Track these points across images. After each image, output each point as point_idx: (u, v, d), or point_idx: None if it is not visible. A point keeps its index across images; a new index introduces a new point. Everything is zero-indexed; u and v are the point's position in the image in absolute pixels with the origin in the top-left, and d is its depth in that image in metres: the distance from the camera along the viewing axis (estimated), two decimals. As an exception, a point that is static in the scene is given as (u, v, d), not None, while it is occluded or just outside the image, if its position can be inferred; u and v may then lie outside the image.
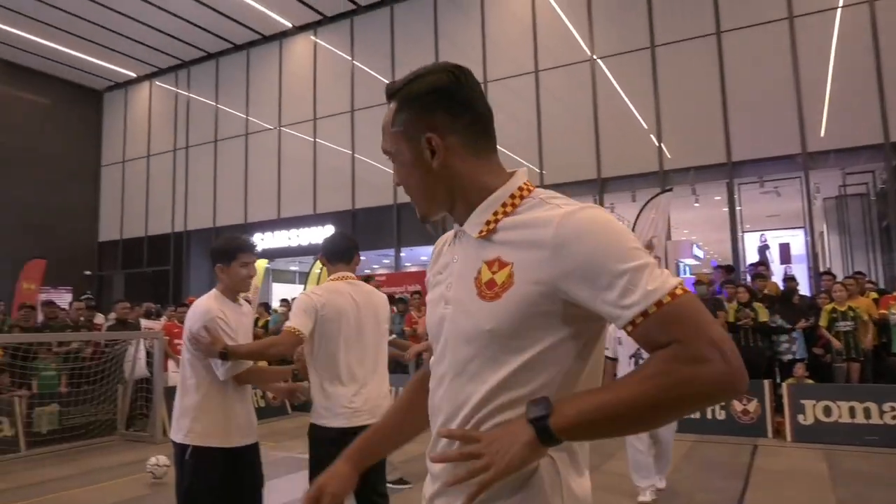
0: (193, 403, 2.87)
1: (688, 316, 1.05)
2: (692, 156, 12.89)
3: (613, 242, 1.09)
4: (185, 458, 2.79)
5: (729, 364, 1.02)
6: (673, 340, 1.04)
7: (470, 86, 1.28)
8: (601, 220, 1.12)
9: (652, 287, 1.05)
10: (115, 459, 7.07)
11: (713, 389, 1.03)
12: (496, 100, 14.78)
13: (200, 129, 19.44)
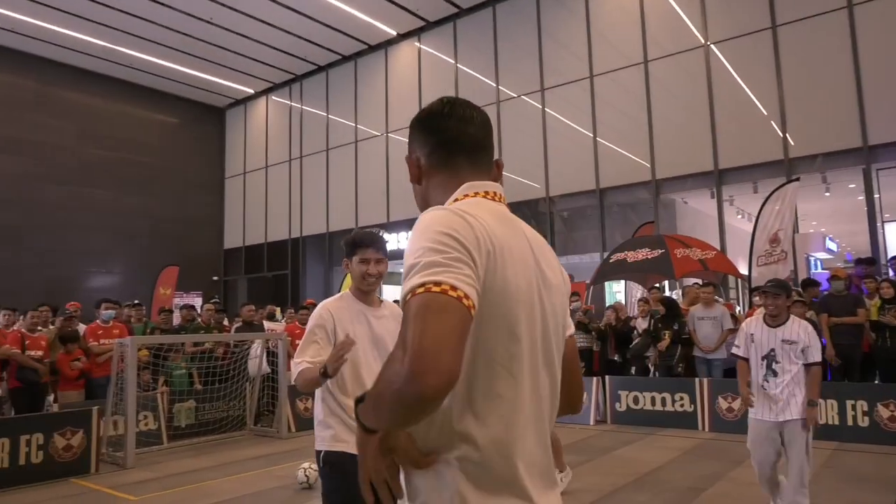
0: (318, 410, 2.80)
1: (409, 316, 1.05)
2: (821, 142, 11.93)
3: (414, 240, 1.17)
4: (321, 465, 2.75)
5: (408, 364, 0.99)
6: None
7: (446, 114, 1.42)
8: (421, 220, 1.20)
9: (407, 286, 1.09)
10: (246, 453, 7.51)
11: (390, 390, 1.02)
12: (602, 95, 14.42)
13: (313, 139, 20.36)
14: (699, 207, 14.15)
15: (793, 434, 4.19)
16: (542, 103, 15.27)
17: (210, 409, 8.50)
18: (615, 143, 14.24)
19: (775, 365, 4.27)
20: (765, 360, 4.35)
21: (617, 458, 6.60)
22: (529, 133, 15.44)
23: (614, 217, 14.46)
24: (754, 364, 4.41)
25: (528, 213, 15.60)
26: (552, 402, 1.31)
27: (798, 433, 4.17)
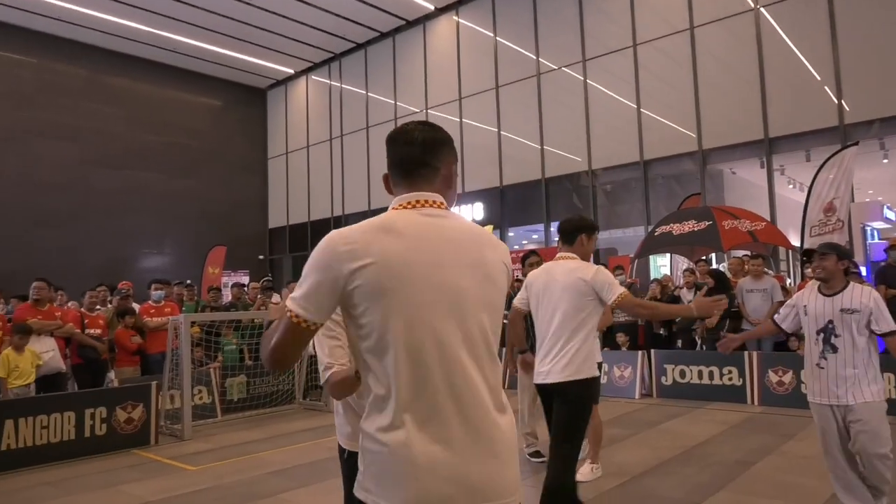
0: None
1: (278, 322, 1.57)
2: (879, 106, 11.41)
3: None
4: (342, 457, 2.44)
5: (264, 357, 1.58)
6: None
7: (393, 139, 1.76)
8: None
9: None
10: (296, 426, 7.73)
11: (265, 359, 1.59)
12: (646, 63, 14.06)
13: (353, 117, 20.46)
14: (748, 177, 13.73)
15: (862, 419, 3.51)
16: (584, 74, 14.97)
17: (260, 384, 8.75)
18: (659, 114, 13.90)
19: (834, 339, 3.60)
20: (821, 335, 3.67)
21: (663, 432, 6.56)
22: (570, 105, 15.18)
23: (659, 189, 14.16)
24: (809, 341, 3.76)
25: (570, 186, 15.41)
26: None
27: (869, 418, 3.50)
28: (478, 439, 1.50)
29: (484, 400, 1.54)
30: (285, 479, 5.34)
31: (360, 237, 1.55)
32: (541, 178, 15.69)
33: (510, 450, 1.58)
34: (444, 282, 1.53)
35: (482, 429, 1.51)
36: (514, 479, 1.58)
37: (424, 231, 1.58)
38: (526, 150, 16.00)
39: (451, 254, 1.57)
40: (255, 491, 5.02)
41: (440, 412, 1.48)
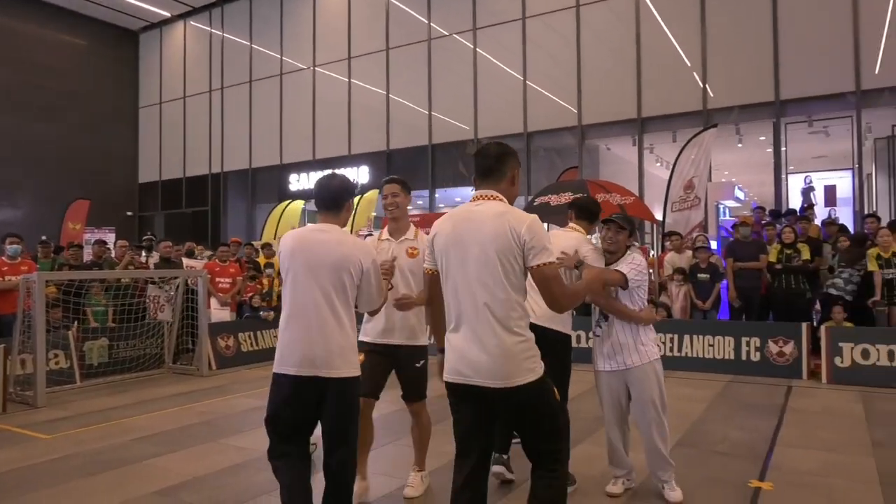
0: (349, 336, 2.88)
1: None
2: (737, 94, 12.44)
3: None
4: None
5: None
6: None
7: (476, 154, 2.72)
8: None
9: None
10: (165, 391, 7.42)
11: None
12: (534, 37, 14.38)
13: (235, 69, 19.41)
14: (621, 154, 14.55)
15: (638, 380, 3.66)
16: (474, 43, 15.09)
17: (125, 348, 8.29)
18: (544, 88, 14.32)
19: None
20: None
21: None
22: (460, 73, 15.28)
23: (540, 161, 14.68)
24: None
25: (456, 154, 15.60)
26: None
27: (644, 379, 3.64)
28: (477, 341, 2.40)
29: (488, 319, 2.39)
30: (153, 444, 5.14)
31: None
32: (428, 144, 15.75)
33: (502, 352, 2.37)
34: (459, 246, 2.48)
35: (482, 336, 2.39)
36: (501, 371, 2.37)
37: (460, 213, 2.58)
38: (414, 115, 15.96)
39: (469, 229, 2.48)
40: (120, 457, 4.80)
41: (461, 324, 2.46)
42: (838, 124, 12.33)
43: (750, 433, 5.17)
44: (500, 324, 2.37)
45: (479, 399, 2.42)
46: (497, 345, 2.37)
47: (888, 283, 7.53)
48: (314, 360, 2.77)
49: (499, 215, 2.43)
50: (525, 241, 2.38)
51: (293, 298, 2.86)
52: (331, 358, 2.78)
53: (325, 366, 2.77)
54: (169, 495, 3.98)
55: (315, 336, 2.79)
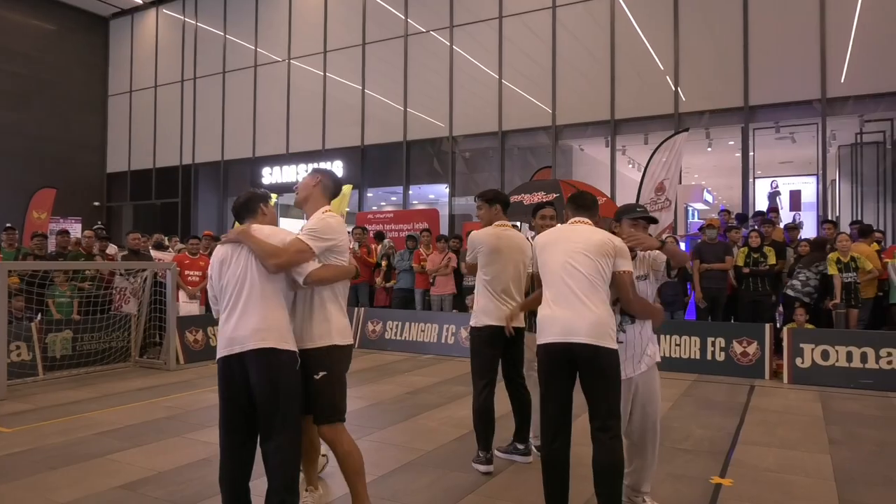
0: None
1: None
2: (708, 99, 12.66)
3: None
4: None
5: None
6: None
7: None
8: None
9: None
10: (131, 385, 7.31)
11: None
12: (511, 36, 14.45)
13: (208, 60, 19.13)
14: (594, 155, 14.71)
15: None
16: (451, 40, 15.11)
17: (90, 340, 8.14)
18: (520, 87, 14.40)
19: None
20: (617, 304, 3.35)
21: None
22: (436, 70, 15.29)
23: (515, 160, 14.76)
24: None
25: (432, 151, 15.61)
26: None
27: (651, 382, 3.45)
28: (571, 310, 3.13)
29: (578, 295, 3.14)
30: (117, 438, 5.07)
31: None
32: (403, 141, 15.73)
33: (590, 321, 3.06)
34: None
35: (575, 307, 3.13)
36: (586, 329, 3.06)
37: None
38: (389, 111, 15.93)
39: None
40: (83, 451, 4.72)
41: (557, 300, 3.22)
42: (804, 131, 12.63)
43: (713, 431, 5.29)
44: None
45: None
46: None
47: (846, 286, 7.76)
48: (234, 340, 2.93)
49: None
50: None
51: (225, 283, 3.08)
52: (251, 334, 2.90)
53: (240, 343, 2.91)
54: (133, 490, 3.94)
55: (236, 317, 2.96)
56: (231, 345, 2.93)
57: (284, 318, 3.01)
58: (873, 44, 11.38)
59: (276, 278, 3.00)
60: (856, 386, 6.98)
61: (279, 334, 2.93)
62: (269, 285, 2.98)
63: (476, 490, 3.90)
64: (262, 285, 2.97)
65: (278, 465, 2.92)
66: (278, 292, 3.01)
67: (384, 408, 6.11)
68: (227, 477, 3.00)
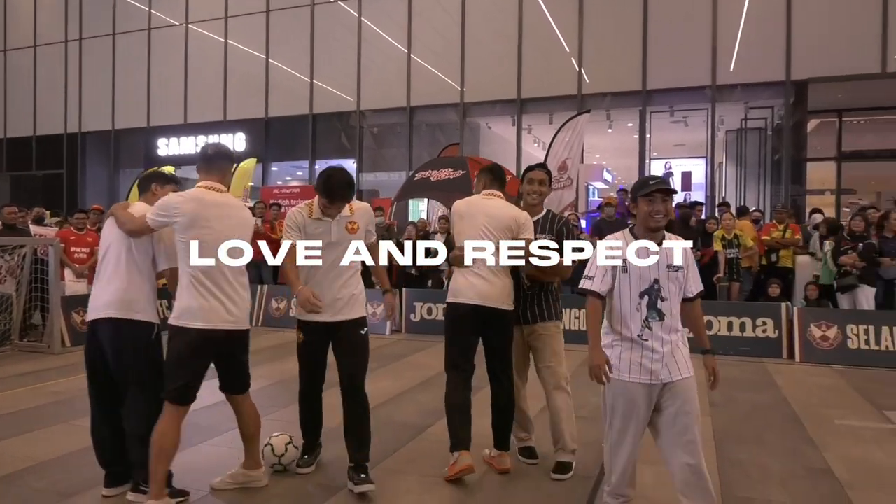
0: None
1: None
2: (610, 82, 13.12)
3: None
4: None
5: None
6: None
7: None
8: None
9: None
10: (12, 370, 6.79)
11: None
12: (420, 10, 14.32)
13: (96, 20, 17.76)
14: (501, 133, 14.94)
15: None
16: (360, 12, 14.78)
17: (-38, 322, 7.47)
18: (429, 63, 14.34)
19: (661, 304, 2.76)
20: (645, 297, 2.77)
21: (407, 364, 7.05)
22: (344, 42, 14.95)
23: (423, 136, 14.75)
24: (627, 304, 2.80)
25: (339, 125, 15.32)
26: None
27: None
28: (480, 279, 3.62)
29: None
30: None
31: None
32: (309, 114, 15.32)
33: (499, 288, 3.64)
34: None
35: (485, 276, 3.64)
36: (496, 295, 3.62)
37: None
38: (295, 83, 15.44)
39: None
40: (-49, 443, 4.35)
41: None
42: (696, 115, 13.38)
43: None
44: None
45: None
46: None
47: (729, 261, 8.36)
48: (93, 308, 3.25)
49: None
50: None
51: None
52: (104, 304, 3.18)
53: (95, 311, 3.20)
54: (13, 482, 3.67)
55: (100, 286, 3.26)
56: (91, 312, 3.25)
57: (142, 289, 3.21)
58: (759, 36, 12.15)
59: (139, 251, 3.22)
60: (735, 353, 7.55)
61: (129, 305, 3.14)
62: (130, 257, 3.21)
63: (380, 465, 3.92)
64: (124, 257, 3.21)
65: (130, 433, 3.20)
66: (139, 264, 3.22)
67: (287, 386, 6.01)
68: (95, 438, 3.35)
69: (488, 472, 3.86)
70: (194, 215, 3.08)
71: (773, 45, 12.03)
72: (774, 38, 12.01)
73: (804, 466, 4.05)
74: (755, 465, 3.99)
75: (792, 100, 12.22)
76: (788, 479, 3.82)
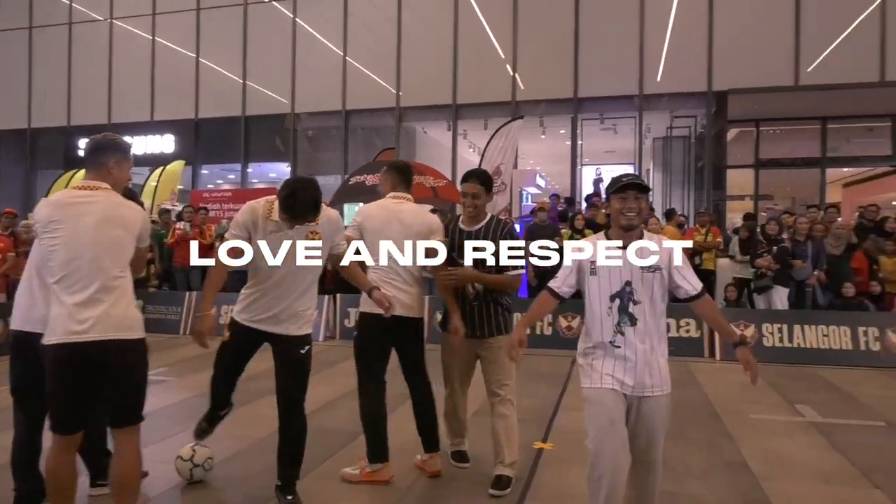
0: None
1: None
2: (543, 89, 13.39)
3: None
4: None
5: None
6: None
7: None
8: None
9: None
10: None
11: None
12: (356, 12, 14.24)
13: (10, 11, 16.80)
14: (437, 138, 15.01)
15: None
16: (294, 12, 14.57)
17: None
18: (365, 66, 14.27)
19: (633, 307, 2.61)
20: (616, 301, 2.63)
21: (341, 371, 6.97)
22: (278, 43, 14.70)
23: (359, 140, 14.66)
24: (598, 309, 2.66)
25: (273, 128, 15.04)
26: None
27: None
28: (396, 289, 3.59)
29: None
30: None
31: None
32: (241, 115, 14.97)
33: (414, 297, 3.71)
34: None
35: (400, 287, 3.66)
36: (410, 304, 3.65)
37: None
38: (227, 84, 15.07)
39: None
40: None
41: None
42: (625, 123, 13.83)
43: (538, 400, 5.68)
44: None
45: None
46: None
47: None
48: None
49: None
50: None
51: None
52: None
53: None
54: None
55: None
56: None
57: (23, 300, 3.07)
58: (683, 49, 12.68)
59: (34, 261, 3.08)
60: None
61: (18, 314, 3.05)
62: (31, 268, 3.09)
63: (312, 472, 3.86)
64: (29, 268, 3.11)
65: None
66: (29, 275, 3.09)
67: (216, 395, 5.84)
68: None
69: (420, 476, 3.86)
70: (45, 221, 2.68)
71: (695, 57, 12.58)
72: (697, 50, 12.56)
73: (723, 460, 4.23)
74: (678, 460, 4.15)
75: (713, 110, 12.80)
76: (709, 473, 3.99)
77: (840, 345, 7.61)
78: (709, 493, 3.68)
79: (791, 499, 3.61)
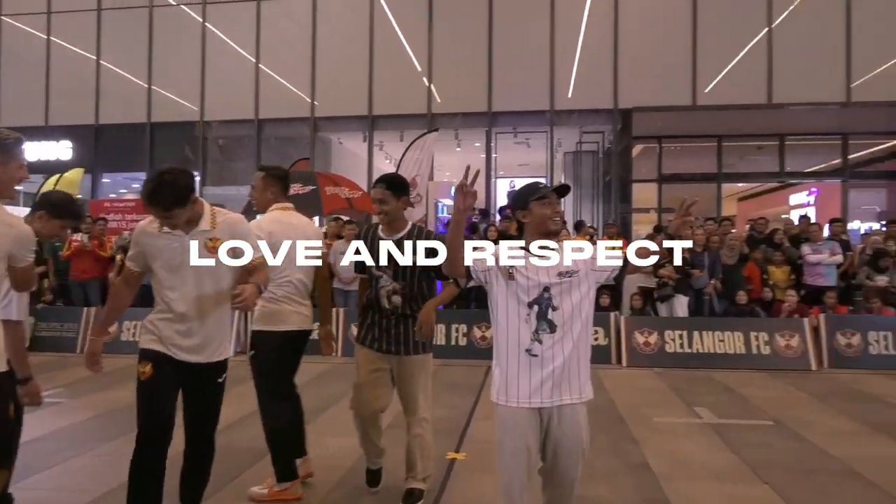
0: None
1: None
2: (459, 102, 13.61)
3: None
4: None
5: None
6: None
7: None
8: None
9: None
10: None
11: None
12: (269, 18, 13.98)
13: None
14: (352, 149, 14.92)
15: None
16: (203, 17, 14.13)
17: None
18: (279, 74, 14.02)
19: (552, 313, 2.51)
20: (535, 307, 2.53)
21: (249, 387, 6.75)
22: (187, 48, 14.20)
23: (273, 150, 14.35)
24: (514, 317, 2.54)
25: (182, 136, 14.49)
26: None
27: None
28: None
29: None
30: None
31: None
32: (146, 122, 14.33)
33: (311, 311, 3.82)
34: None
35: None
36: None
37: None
38: (131, 88, 14.39)
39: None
40: None
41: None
42: (537, 138, 14.25)
43: (452, 410, 5.72)
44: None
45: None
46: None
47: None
48: None
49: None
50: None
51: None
52: None
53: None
54: None
55: None
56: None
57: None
58: (591, 67, 13.23)
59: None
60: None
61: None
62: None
63: (219, 493, 3.72)
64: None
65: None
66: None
67: (114, 417, 5.52)
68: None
69: (331, 491, 3.80)
70: None
71: (603, 75, 13.15)
72: (604, 70, 13.15)
73: (626, 463, 4.41)
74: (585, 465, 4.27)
75: (619, 126, 13.40)
76: (612, 476, 4.14)
77: (734, 349, 8.11)
78: (613, 495, 3.82)
79: (689, 497, 3.81)
